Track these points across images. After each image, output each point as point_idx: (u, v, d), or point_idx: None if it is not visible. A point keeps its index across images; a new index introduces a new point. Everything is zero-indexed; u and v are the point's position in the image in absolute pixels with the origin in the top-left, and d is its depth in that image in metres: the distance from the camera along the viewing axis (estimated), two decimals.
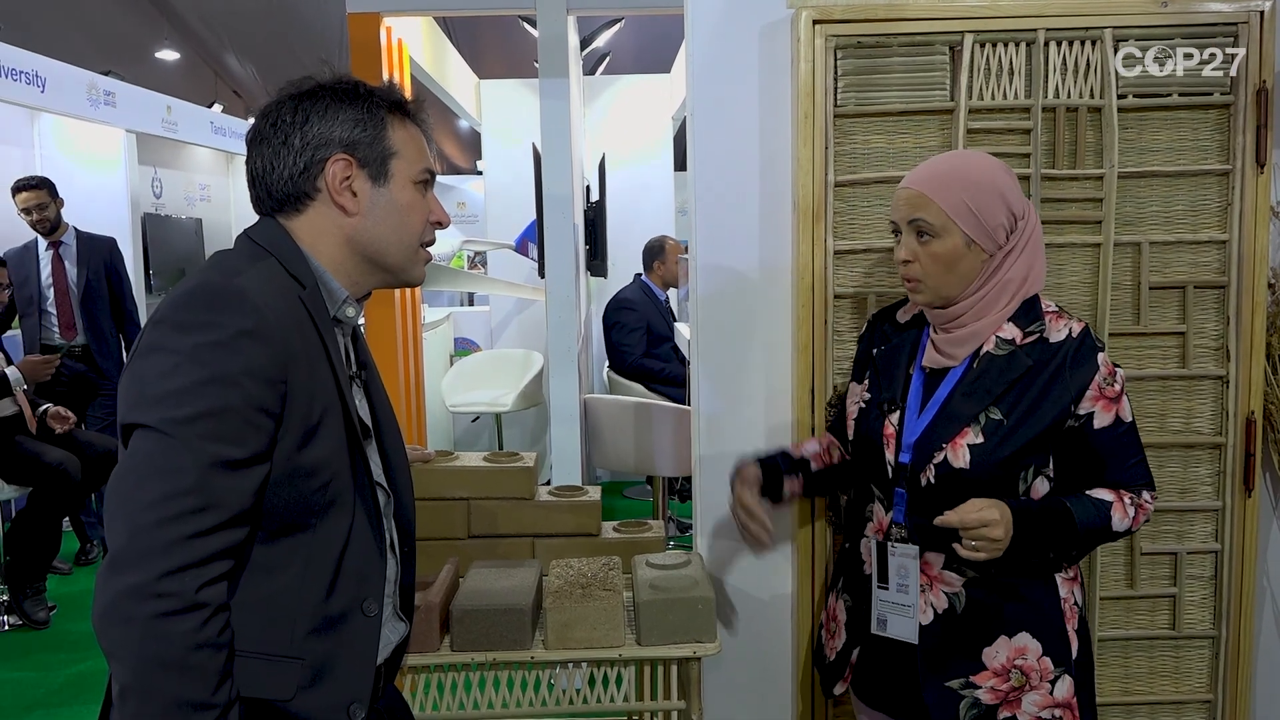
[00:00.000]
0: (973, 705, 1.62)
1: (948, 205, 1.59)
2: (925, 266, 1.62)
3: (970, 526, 1.53)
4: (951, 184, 1.60)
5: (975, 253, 1.60)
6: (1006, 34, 2.05)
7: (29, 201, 4.72)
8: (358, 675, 1.28)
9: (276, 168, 1.28)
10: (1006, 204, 1.60)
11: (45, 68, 5.60)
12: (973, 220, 1.59)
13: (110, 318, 4.92)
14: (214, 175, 8.65)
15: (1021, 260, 1.63)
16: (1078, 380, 1.59)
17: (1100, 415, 1.61)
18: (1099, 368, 1.60)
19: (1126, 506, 1.63)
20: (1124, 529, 1.63)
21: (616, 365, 5.15)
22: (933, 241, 1.60)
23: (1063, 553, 1.65)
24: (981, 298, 1.62)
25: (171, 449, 1.10)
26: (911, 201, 1.63)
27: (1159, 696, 2.22)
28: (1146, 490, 1.66)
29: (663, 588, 1.98)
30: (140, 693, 1.08)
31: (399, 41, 4.14)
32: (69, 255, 4.85)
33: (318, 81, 1.30)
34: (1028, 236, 1.63)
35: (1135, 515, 1.63)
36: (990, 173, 1.62)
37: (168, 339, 1.14)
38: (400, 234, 1.32)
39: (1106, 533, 1.62)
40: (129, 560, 1.07)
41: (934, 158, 1.70)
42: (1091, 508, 1.61)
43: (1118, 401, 1.61)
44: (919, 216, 1.61)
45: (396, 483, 1.39)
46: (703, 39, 2.16)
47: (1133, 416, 1.65)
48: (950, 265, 1.60)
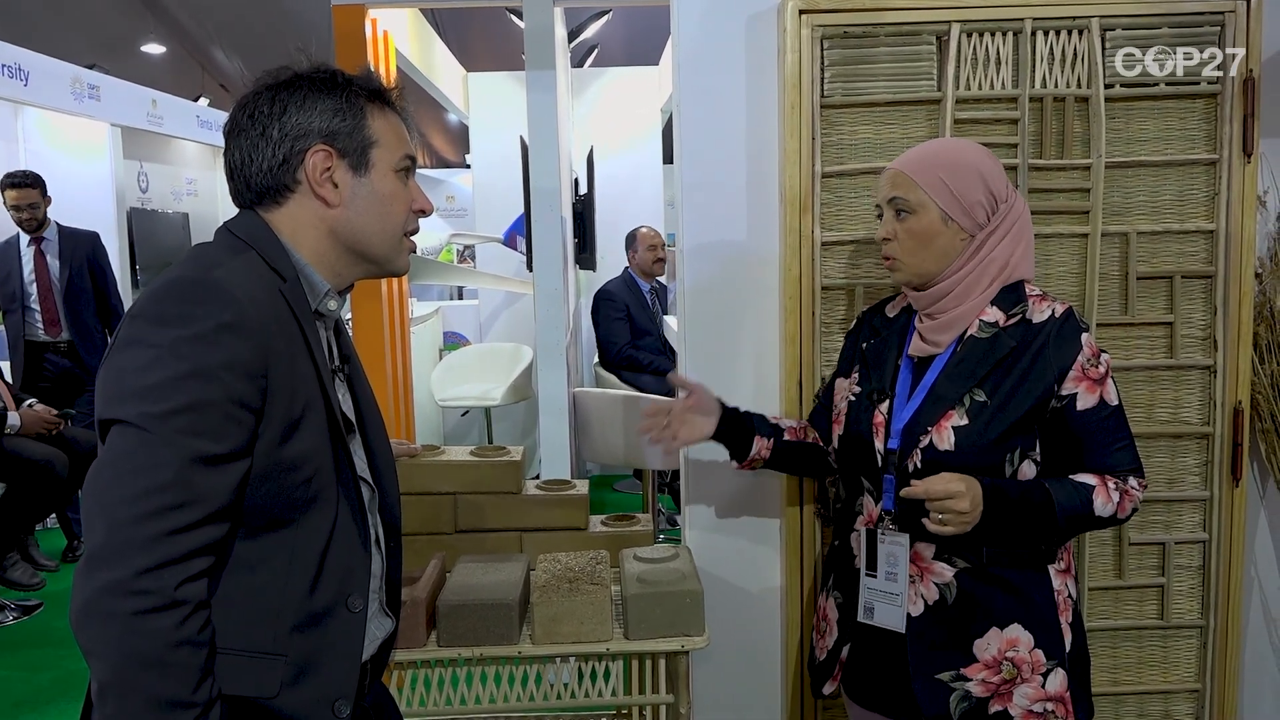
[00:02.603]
0: (963, 698, 1.61)
1: (924, 181, 1.63)
2: (902, 242, 1.65)
3: (936, 497, 1.53)
4: (930, 163, 1.64)
5: (953, 230, 1.63)
6: (993, 24, 2.04)
7: (20, 199, 4.69)
8: (343, 672, 1.26)
9: (255, 160, 1.26)
10: (985, 183, 1.63)
11: (29, 61, 5.56)
12: (948, 196, 1.61)
13: (95, 313, 4.89)
14: (201, 169, 8.61)
15: (1005, 244, 1.64)
16: (1060, 359, 1.59)
17: (1084, 396, 1.60)
18: (1082, 348, 1.60)
19: (1111, 492, 1.61)
20: (1109, 514, 1.61)
21: (604, 358, 5.13)
22: (910, 218, 1.64)
23: (1044, 536, 1.63)
24: (962, 279, 1.63)
25: (150, 444, 1.08)
26: (891, 180, 1.67)
27: (1147, 686, 2.23)
28: (1134, 476, 1.64)
29: (651, 581, 1.97)
30: (120, 691, 1.07)
31: (385, 34, 4.11)
32: (51, 251, 4.81)
33: (295, 71, 1.28)
34: (1012, 221, 1.65)
35: (1121, 501, 1.61)
36: (970, 154, 1.66)
37: (146, 333, 1.12)
38: (383, 224, 1.31)
39: (1090, 518, 1.61)
40: (107, 557, 1.06)
41: (921, 144, 1.73)
42: (1073, 491, 1.60)
43: (1102, 384, 1.61)
44: (897, 194, 1.65)
45: (381, 477, 1.38)
46: (689, 30, 2.15)
47: (1119, 400, 1.63)
48: (926, 241, 1.63)
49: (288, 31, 10.04)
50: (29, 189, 4.71)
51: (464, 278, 7.49)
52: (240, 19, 10.24)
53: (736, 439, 1.85)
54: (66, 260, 4.80)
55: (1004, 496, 1.57)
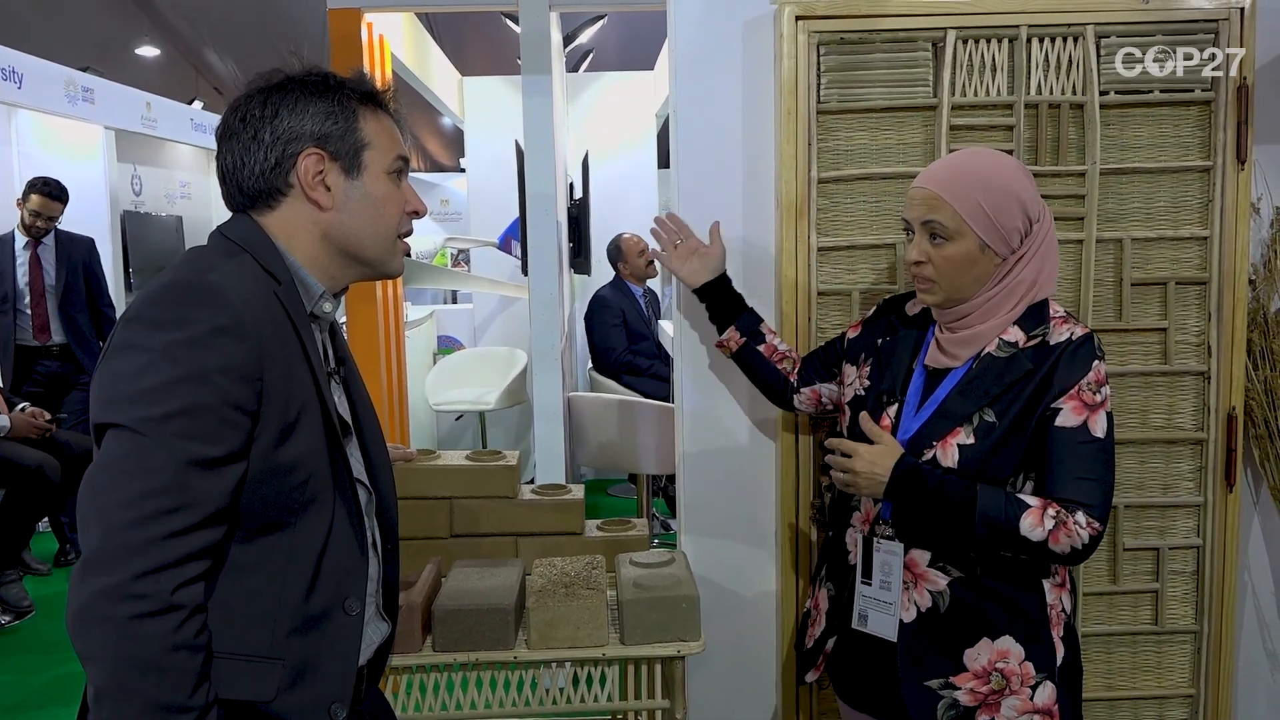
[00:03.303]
0: (951, 706, 1.61)
1: (963, 208, 1.55)
2: (939, 268, 1.58)
3: (839, 450, 1.61)
4: (968, 186, 1.56)
5: (989, 257, 1.57)
6: (989, 30, 2.05)
7: (44, 209, 4.64)
8: (339, 675, 1.26)
9: (247, 164, 1.26)
10: (1023, 207, 1.57)
11: (22, 63, 5.54)
12: (988, 224, 1.55)
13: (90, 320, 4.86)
14: (194, 172, 8.60)
15: (1033, 264, 1.59)
16: (1064, 379, 1.55)
17: (1068, 415, 1.55)
18: (1089, 372, 1.56)
19: (1045, 518, 1.51)
20: (1037, 540, 1.50)
21: (600, 364, 5.12)
22: (946, 245, 1.57)
23: (959, 538, 1.56)
24: (990, 299, 1.60)
25: (145, 448, 1.08)
26: (926, 202, 1.59)
27: (1142, 691, 2.23)
28: (1084, 513, 1.52)
29: (647, 586, 1.97)
30: (116, 695, 1.06)
31: (380, 38, 4.11)
32: (48, 256, 4.77)
33: (286, 74, 1.28)
34: (1041, 239, 1.60)
35: (1054, 531, 1.50)
36: (1007, 176, 1.58)
37: (140, 337, 1.12)
38: (376, 226, 1.30)
39: (1013, 536, 1.51)
40: (103, 561, 1.06)
41: (951, 155, 1.67)
42: (1004, 503, 1.52)
43: (1093, 410, 1.54)
44: (933, 218, 1.57)
45: (378, 480, 1.38)
46: (685, 35, 2.16)
47: (1106, 436, 1.55)
48: (964, 268, 1.57)
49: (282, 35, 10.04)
50: (57, 203, 4.68)
51: (458, 282, 7.49)
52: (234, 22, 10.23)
53: (720, 310, 2.00)
54: (63, 264, 4.77)
55: (919, 480, 1.55)
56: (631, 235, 5.38)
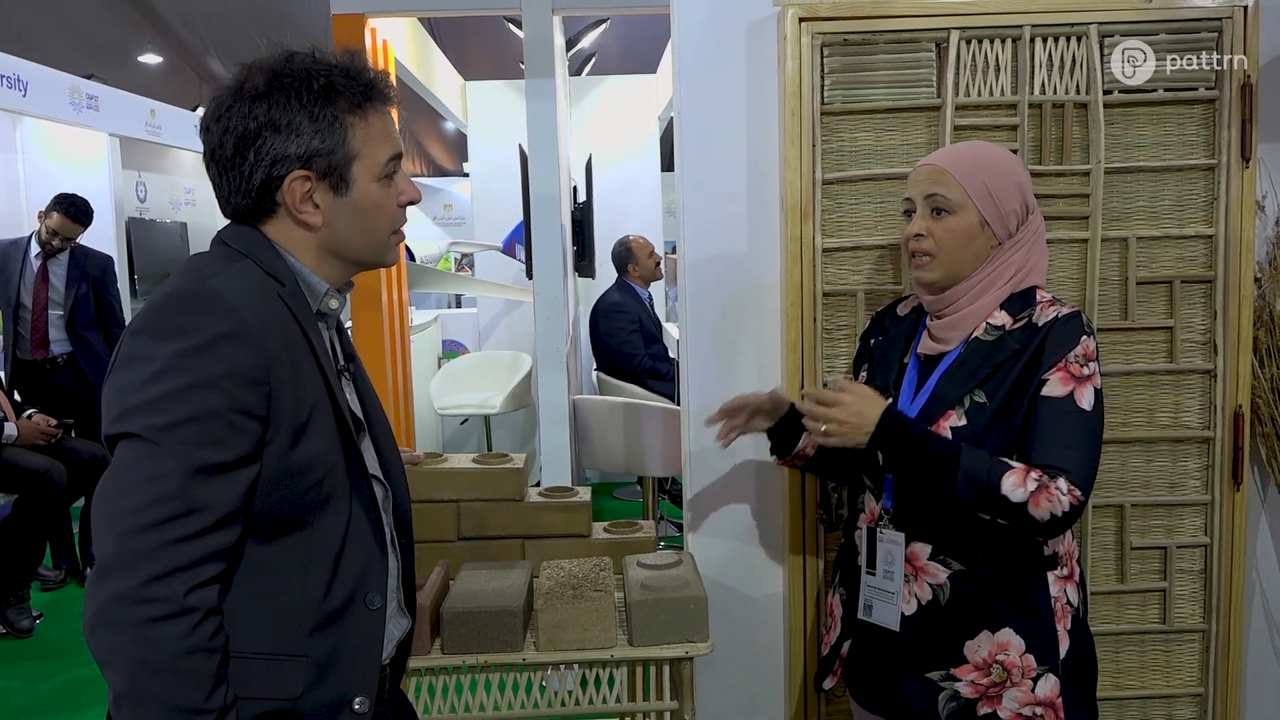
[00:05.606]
0: (952, 698, 1.62)
1: (967, 183, 1.61)
2: (939, 240, 1.62)
3: (822, 401, 1.58)
4: (973, 165, 1.63)
5: (986, 236, 1.63)
6: (992, 30, 2.05)
7: (63, 229, 4.56)
8: (363, 668, 1.27)
9: (233, 183, 1.24)
10: (1022, 194, 1.64)
11: (27, 71, 5.57)
12: (989, 201, 1.61)
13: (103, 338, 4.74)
14: (199, 179, 8.61)
15: (1024, 251, 1.65)
16: (1052, 353, 1.57)
17: (1054, 385, 1.56)
18: (1077, 345, 1.57)
19: (1028, 480, 1.50)
20: (1018, 501, 1.50)
21: (621, 370, 5.06)
22: (949, 218, 1.62)
23: (942, 494, 1.55)
24: (980, 280, 1.64)
25: (155, 455, 1.09)
26: (931, 176, 1.65)
27: (1150, 691, 2.23)
28: (1065, 479, 1.51)
29: (654, 588, 1.97)
30: (134, 700, 1.07)
31: (384, 43, 4.12)
32: (58, 272, 4.67)
33: (272, 71, 1.24)
34: (1034, 231, 1.67)
35: (1035, 494, 1.50)
36: (1007, 162, 1.66)
37: (146, 348, 1.13)
38: (367, 235, 1.29)
39: (993, 495, 1.51)
40: (116, 567, 1.07)
41: (955, 144, 1.73)
42: (987, 463, 1.52)
43: (1079, 383, 1.56)
44: (937, 191, 1.63)
45: (391, 476, 1.38)
46: (689, 38, 2.16)
47: (1093, 411, 1.56)
48: (964, 242, 1.62)
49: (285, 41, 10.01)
50: (78, 225, 4.60)
51: (463, 286, 7.50)
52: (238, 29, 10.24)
53: (784, 435, 1.85)
54: (75, 279, 4.66)
55: (904, 431, 1.56)
56: (639, 237, 5.38)
